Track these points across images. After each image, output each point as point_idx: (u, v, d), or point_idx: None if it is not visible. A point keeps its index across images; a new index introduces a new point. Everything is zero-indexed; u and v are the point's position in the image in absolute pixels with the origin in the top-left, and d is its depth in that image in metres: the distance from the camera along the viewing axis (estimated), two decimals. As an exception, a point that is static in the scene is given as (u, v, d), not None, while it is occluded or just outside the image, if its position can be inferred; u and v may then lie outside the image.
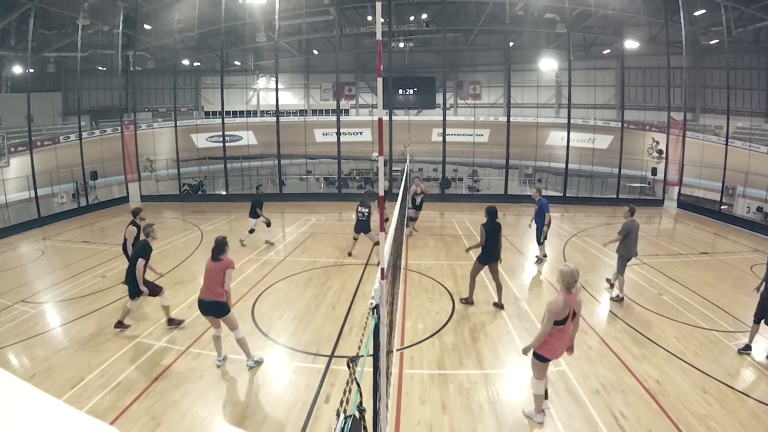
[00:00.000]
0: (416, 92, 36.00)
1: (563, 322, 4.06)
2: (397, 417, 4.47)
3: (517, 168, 23.24)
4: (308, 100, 38.32)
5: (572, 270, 4.06)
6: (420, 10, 29.08)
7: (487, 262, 7.02)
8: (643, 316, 6.99)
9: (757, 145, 21.24)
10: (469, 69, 36.04)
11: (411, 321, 6.73)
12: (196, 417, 4.47)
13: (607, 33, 27.28)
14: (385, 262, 2.82)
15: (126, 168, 18.53)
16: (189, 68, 33.77)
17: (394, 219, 5.73)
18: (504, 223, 14.39)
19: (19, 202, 16.13)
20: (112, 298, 7.74)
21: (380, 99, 2.65)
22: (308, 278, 8.75)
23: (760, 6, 20.15)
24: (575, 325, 4.28)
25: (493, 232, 6.88)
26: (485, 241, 6.83)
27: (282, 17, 22.34)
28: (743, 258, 10.51)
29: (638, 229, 7.82)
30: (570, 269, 4.06)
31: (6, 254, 11.06)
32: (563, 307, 4.01)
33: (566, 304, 4.02)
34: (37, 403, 0.55)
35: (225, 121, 20.25)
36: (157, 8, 23.98)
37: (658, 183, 19.15)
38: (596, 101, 31.15)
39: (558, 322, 4.04)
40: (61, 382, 5.05)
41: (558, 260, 10.04)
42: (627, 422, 4.37)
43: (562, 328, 4.09)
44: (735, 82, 22.93)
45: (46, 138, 26.31)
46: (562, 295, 4.09)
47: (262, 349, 5.94)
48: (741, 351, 5.86)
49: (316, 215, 12.81)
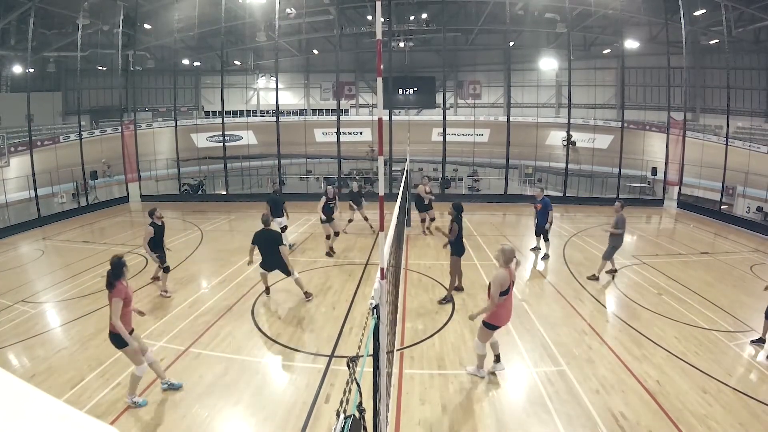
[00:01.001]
0: (416, 92, 36.00)
1: (506, 292, 4.79)
2: (397, 417, 4.47)
3: (517, 168, 23.23)
4: (308, 99, 38.31)
5: (512, 248, 4.91)
6: (420, 9, 29.08)
7: (461, 254, 7.42)
8: (643, 316, 6.98)
9: (757, 145, 21.24)
10: (469, 69, 36.03)
11: (411, 321, 6.73)
12: (196, 417, 4.47)
13: (607, 33, 27.27)
14: (385, 262, 2.81)
15: (126, 168, 18.53)
16: (189, 68, 33.76)
17: (394, 218, 5.72)
18: (504, 223, 14.51)
19: (19, 201, 16.12)
20: (112, 297, 7.73)
21: (380, 99, 2.65)
22: (308, 278, 8.75)
23: (760, 6, 20.15)
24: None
25: (461, 226, 7.46)
26: (457, 235, 7.30)
27: (282, 17, 22.34)
28: (743, 258, 10.51)
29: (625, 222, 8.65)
30: (510, 247, 4.89)
31: (6, 254, 11.06)
32: (506, 279, 4.75)
33: (507, 277, 4.76)
34: (37, 403, 0.55)
35: (225, 120, 20.23)
36: (157, 8, 23.98)
37: (658, 183, 19.14)
38: (596, 101, 31.14)
39: (503, 292, 4.74)
40: (61, 382, 5.05)
41: (558, 260, 10.04)
42: (627, 422, 4.37)
43: (506, 297, 4.83)
44: (735, 82, 22.92)
45: (46, 138, 26.32)
46: (504, 269, 4.80)
47: (262, 349, 5.94)
48: (753, 342, 6.05)
49: (316, 215, 12.75)
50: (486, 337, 5.01)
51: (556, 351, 5.80)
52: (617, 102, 29.42)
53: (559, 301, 7.60)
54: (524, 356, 5.66)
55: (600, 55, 31.03)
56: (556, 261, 9.99)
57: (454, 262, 7.40)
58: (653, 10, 22.52)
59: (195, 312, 7.08)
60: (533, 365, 5.48)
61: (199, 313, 7.03)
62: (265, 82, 37.27)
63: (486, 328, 4.95)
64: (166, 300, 7.60)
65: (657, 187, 19.45)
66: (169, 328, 6.51)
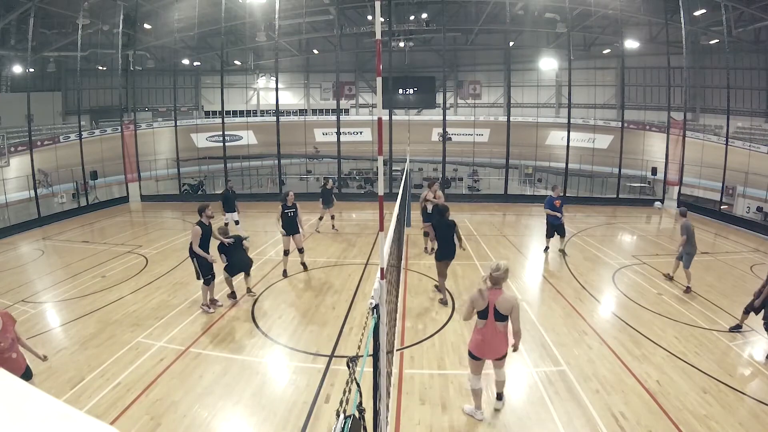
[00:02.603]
0: (416, 92, 36.03)
1: (484, 315, 4.09)
2: (397, 417, 4.47)
3: (517, 168, 23.24)
4: (308, 99, 38.33)
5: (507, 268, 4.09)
6: (420, 9, 29.09)
7: (441, 258, 7.19)
8: (643, 316, 6.98)
9: (757, 145, 21.24)
10: (469, 69, 36.05)
11: (411, 321, 6.73)
12: (196, 417, 4.47)
13: (607, 33, 27.28)
14: (385, 262, 2.82)
15: (126, 168, 18.53)
16: (189, 68, 33.77)
17: (394, 218, 5.73)
18: (504, 223, 14.51)
19: (19, 201, 16.13)
20: (112, 298, 7.74)
21: (380, 99, 2.65)
22: (308, 278, 8.75)
23: (760, 6, 20.15)
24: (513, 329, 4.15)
25: (442, 227, 7.12)
26: (437, 238, 7.16)
27: (282, 17, 22.34)
28: (743, 258, 10.51)
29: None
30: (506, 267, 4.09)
31: (6, 254, 11.06)
32: (477, 300, 4.08)
33: (479, 299, 4.07)
34: (37, 403, 0.55)
35: (225, 120, 20.24)
36: (157, 8, 23.99)
37: (658, 183, 19.15)
38: (596, 101, 31.17)
39: (479, 313, 4.10)
40: (61, 382, 5.05)
41: (558, 260, 10.04)
42: (627, 422, 4.37)
43: (485, 323, 4.10)
44: (735, 82, 22.92)
45: (46, 138, 26.32)
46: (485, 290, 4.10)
47: (262, 349, 5.94)
48: (732, 329, 6.34)
49: (316, 215, 12.79)
50: (471, 366, 4.34)
51: (556, 351, 5.80)
52: (617, 102, 29.43)
53: (559, 301, 7.60)
54: (524, 356, 5.66)
55: (600, 55, 31.04)
56: (556, 261, 9.99)
57: (437, 265, 7.31)
58: (653, 10, 22.54)
59: (195, 312, 7.08)
60: (533, 365, 5.48)
61: (199, 313, 7.02)
62: (265, 82, 37.28)
63: (468, 355, 4.34)
64: (166, 300, 7.60)
65: (657, 187, 19.46)
66: (169, 328, 6.51)
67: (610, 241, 12.07)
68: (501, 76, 33.48)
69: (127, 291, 8.07)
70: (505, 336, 4.15)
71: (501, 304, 4.05)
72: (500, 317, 4.08)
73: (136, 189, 18.71)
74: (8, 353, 3.79)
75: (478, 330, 4.17)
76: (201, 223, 6.89)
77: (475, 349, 4.22)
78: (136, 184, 18.79)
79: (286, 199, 8.73)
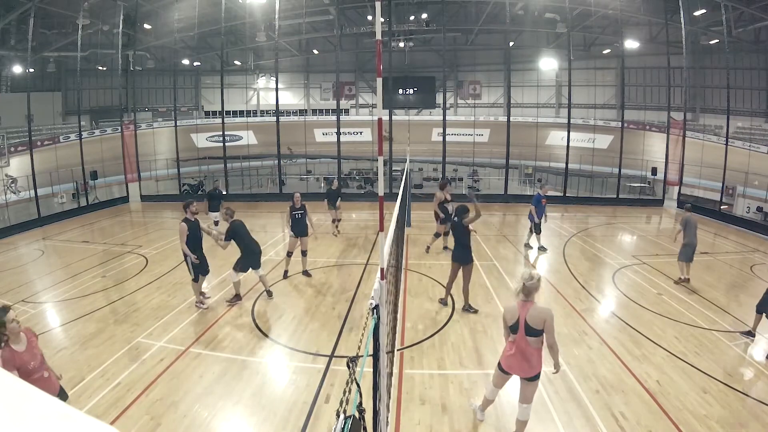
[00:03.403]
0: (416, 92, 36.05)
1: (514, 329, 3.78)
2: (397, 417, 4.47)
3: (517, 168, 23.24)
4: (308, 99, 38.34)
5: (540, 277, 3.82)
6: (420, 9, 29.11)
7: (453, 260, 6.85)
8: (643, 316, 6.99)
9: (757, 145, 21.25)
10: (469, 69, 36.07)
11: (411, 321, 6.73)
12: (196, 417, 4.47)
13: (607, 33, 27.30)
14: (385, 262, 2.81)
15: (126, 168, 18.54)
16: (189, 68, 33.79)
17: (394, 218, 5.72)
18: (504, 223, 14.50)
19: (19, 202, 16.13)
20: (111, 298, 7.74)
21: (380, 99, 2.65)
22: (308, 278, 8.75)
23: (760, 6, 20.16)
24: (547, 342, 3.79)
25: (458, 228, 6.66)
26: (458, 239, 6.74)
27: (282, 17, 22.35)
28: (743, 258, 10.52)
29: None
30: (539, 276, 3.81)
31: (6, 254, 11.06)
32: (514, 311, 3.78)
33: (516, 310, 3.77)
34: (37, 403, 0.55)
35: (225, 120, 20.25)
36: (157, 8, 24.01)
37: (658, 183, 19.15)
38: (596, 101, 31.18)
39: (511, 327, 3.81)
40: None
41: (558, 260, 10.04)
42: (627, 422, 4.37)
43: (514, 337, 3.80)
44: (735, 82, 22.94)
45: (46, 138, 26.33)
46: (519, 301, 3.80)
47: (262, 349, 5.94)
48: (743, 333, 6.20)
49: (316, 215, 12.77)
50: (494, 377, 4.14)
51: (556, 351, 5.79)
52: (617, 102, 29.45)
53: (559, 301, 7.60)
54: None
55: (600, 55, 31.05)
56: (556, 261, 9.99)
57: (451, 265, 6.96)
58: (653, 10, 22.55)
59: (195, 312, 7.08)
60: (533, 365, 5.47)
61: (199, 313, 7.03)
62: (265, 82, 37.30)
63: (497, 366, 4.08)
64: (166, 300, 7.60)
65: (657, 187, 19.46)
66: (169, 328, 6.51)
67: (610, 241, 12.07)
68: (501, 76, 33.51)
69: (127, 291, 8.07)
70: (538, 354, 3.76)
71: (532, 318, 3.67)
72: (532, 332, 3.68)
73: (136, 189, 18.71)
74: (39, 373, 3.54)
75: (510, 343, 3.88)
76: (186, 219, 6.88)
77: (504, 361, 3.93)
78: (136, 184, 18.79)
79: (293, 201, 8.55)
